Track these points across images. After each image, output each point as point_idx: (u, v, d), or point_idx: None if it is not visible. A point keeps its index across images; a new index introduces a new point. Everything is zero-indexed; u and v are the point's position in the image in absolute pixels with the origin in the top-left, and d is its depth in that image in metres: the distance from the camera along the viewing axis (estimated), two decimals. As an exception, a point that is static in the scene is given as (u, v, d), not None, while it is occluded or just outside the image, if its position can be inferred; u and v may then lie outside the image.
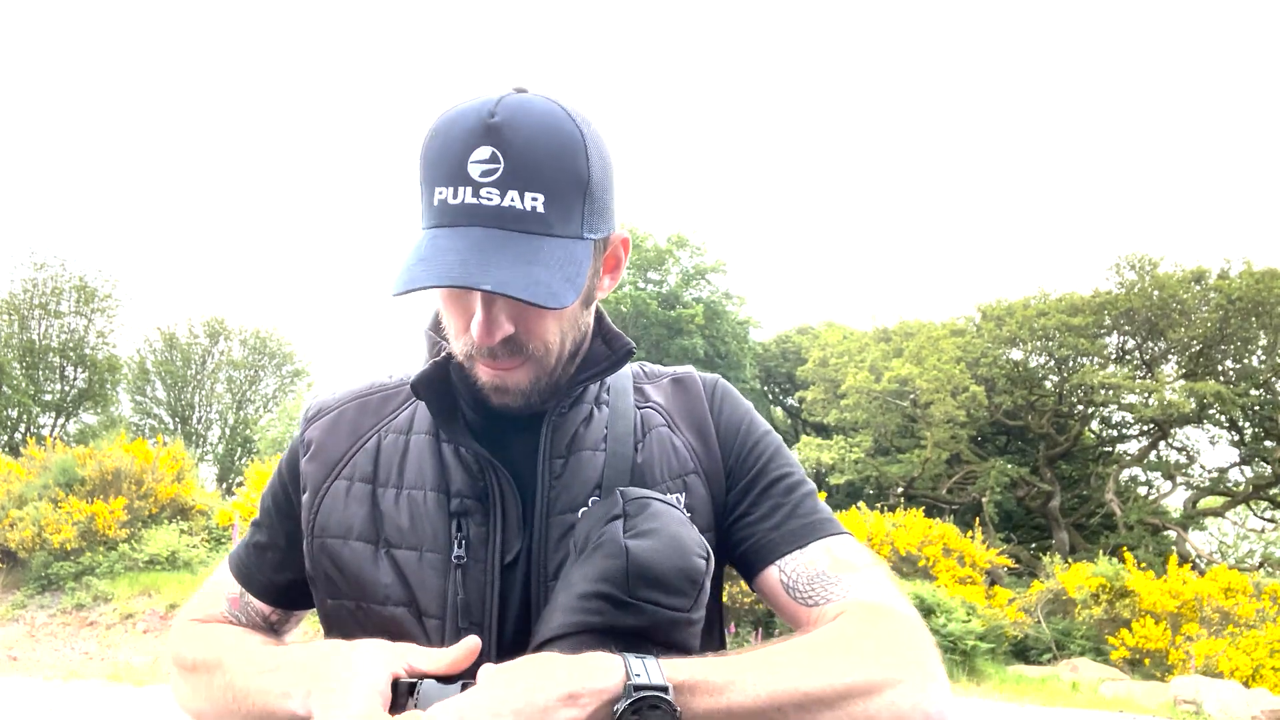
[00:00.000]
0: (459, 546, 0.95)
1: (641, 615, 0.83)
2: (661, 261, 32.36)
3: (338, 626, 1.00)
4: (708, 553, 0.89)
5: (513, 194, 0.88)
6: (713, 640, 1.01)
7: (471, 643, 0.86)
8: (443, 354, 1.02)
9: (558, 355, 0.97)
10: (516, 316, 0.93)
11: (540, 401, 0.99)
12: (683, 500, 0.99)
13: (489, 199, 0.88)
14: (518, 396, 0.97)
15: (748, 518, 1.03)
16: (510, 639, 0.93)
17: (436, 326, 1.06)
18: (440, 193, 0.90)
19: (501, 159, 0.88)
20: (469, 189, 0.89)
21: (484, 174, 0.88)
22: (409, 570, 0.96)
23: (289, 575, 1.09)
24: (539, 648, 0.85)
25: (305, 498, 1.04)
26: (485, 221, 0.88)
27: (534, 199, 0.89)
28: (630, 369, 1.12)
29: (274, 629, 1.12)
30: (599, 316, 1.06)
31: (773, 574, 0.99)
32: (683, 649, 0.85)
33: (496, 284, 0.85)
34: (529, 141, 0.89)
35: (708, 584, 0.88)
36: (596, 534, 0.89)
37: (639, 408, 1.07)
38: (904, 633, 0.89)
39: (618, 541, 0.86)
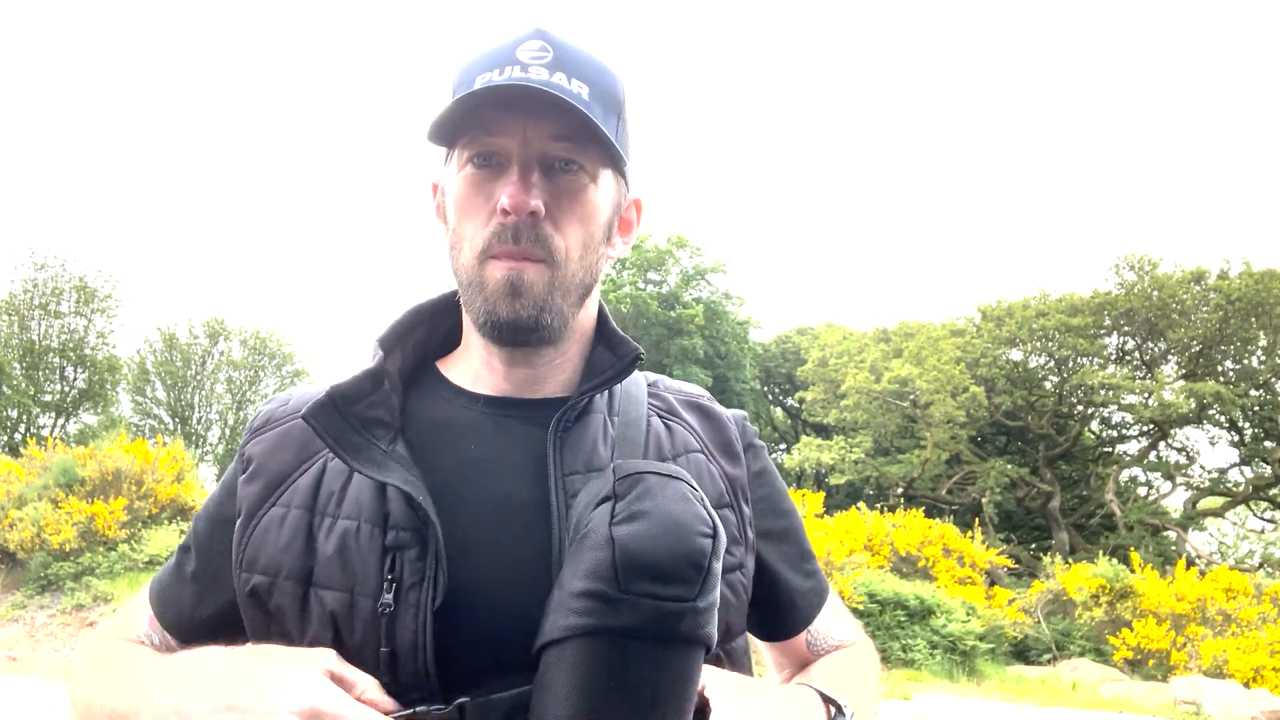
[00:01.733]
0: (387, 591, 0.83)
1: (638, 611, 0.72)
2: (661, 262, 32.33)
3: None
4: (714, 529, 0.77)
5: (560, 75, 0.87)
6: (732, 635, 0.96)
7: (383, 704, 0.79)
8: (379, 360, 0.94)
9: (574, 272, 0.91)
10: (550, 196, 0.88)
11: (553, 322, 0.90)
12: None
13: (538, 76, 0.86)
14: (530, 303, 0.88)
15: (776, 579, 1.05)
16: (480, 677, 0.83)
17: (391, 336, 0.98)
18: (484, 77, 0.87)
19: (551, 50, 0.88)
20: (516, 67, 0.86)
21: (533, 58, 0.87)
22: (339, 616, 0.84)
23: (210, 610, 0.96)
24: (537, 655, 0.78)
25: (238, 524, 0.92)
26: (532, 90, 0.85)
27: (580, 86, 0.87)
28: (643, 378, 1.06)
29: None
30: (603, 318, 1.00)
31: (802, 637, 1.09)
32: (695, 642, 0.75)
33: (557, 92, 0.84)
34: (576, 48, 0.90)
35: (717, 564, 0.76)
36: (585, 521, 0.79)
37: (666, 424, 0.99)
38: (878, 667, 1.12)
39: (603, 529, 0.75)
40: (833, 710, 0.89)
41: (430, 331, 1.03)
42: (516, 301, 0.88)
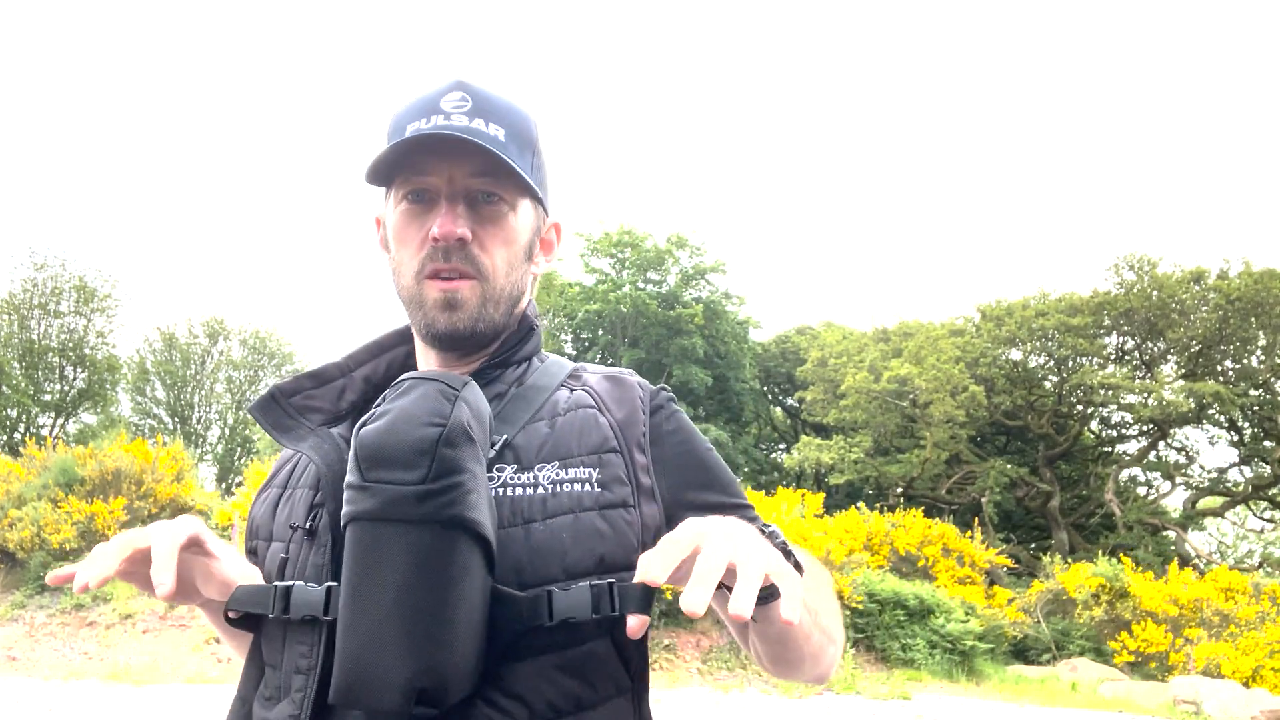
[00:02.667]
0: (295, 534, 0.99)
1: (377, 496, 0.82)
2: (661, 261, 32.33)
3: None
4: (446, 419, 0.84)
5: (479, 120, 1.01)
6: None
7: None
8: (330, 365, 1.12)
9: (502, 286, 1.05)
10: (475, 224, 1.02)
11: (486, 330, 1.04)
12: (594, 475, 0.99)
13: (459, 122, 1.00)
14: (466, 316, 1.02)
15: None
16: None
17: (364, 350, 1.15)
18: (413, 124, 1.01)
19: (470, 99, 1.02)
20: (440, 115, 1.01)
21: (454, 106, 1.01)
22: (271, 563, 1.01)
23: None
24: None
25: (252, 502, 1.13)
26: (456, 133, 0.99)
27: (496, 129, 1.02)
28: (568, 366, 1.16)
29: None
30: (527, 321, 1.13)
31: None
32: (444, 524, 0.82)
33: (474, 137, 0.98)
34: (492, 95, 1.04)
35: (448, 451, 0.83)
36: None
37: (570, 389, 1.09)
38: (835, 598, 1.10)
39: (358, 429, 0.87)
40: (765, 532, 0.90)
41: (410, 352, 1.17)
42: (453, 315, 1.02)
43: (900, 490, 28.01)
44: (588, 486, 0.98)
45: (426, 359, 1.11)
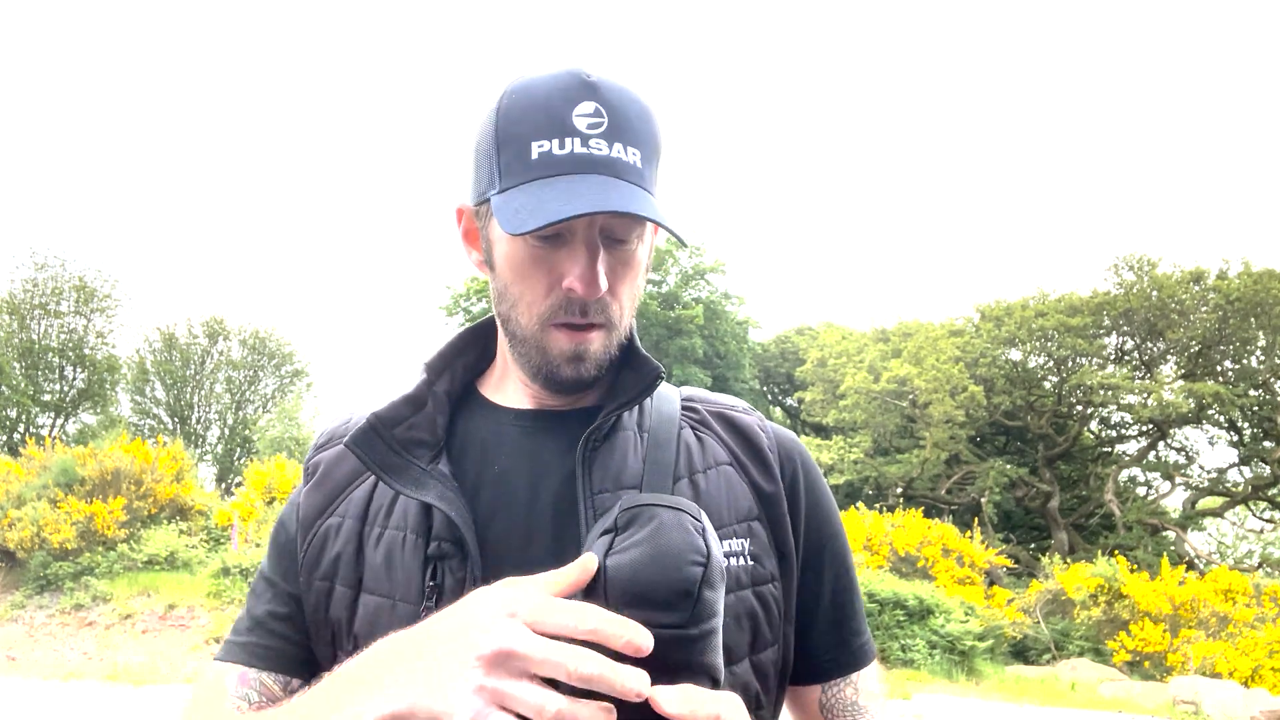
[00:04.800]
0: (429, 598, 0.87)
1: None
2: (661, 262, 32.34)
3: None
4: (707, 557, 0.76)
5: (618, 146, 0.88)
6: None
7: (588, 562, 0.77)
8: (421, 384, 0.99)
9: (627, 326, 0.97)
10: (608, 268, 0.90)
11: (603, 373, 0.95)
12: (747, 547, 0.93)
13: (599, 149, 0.87)
14: (592, 366, 0.93)
15: (800, 619, 1.01)
16: None
17: (439, 360, 1.02)
18: (541, 145, 0.87)
19: (605, 113, 0.88)
20: (577, 139, 0.87)
21: (590, 126, 0.87)
22: (380, 621, 0.89)
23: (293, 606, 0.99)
24: None
25: (299, 530, 0.99)
26: (600, 170, 0.86)
27: (634, 153, 0.89)
28: (677, 392, 1.07)
29: None
30: (630, 338, 1.01)
31: (814, 691, 1.03)
32: (691, 670, 0.74)
33: (646, 212, 0.84)
34: (623, 100, 0.90)
35: (710, 593, 0.76)
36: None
37: (698, 435, 1.01)
38: None
39: (597, 561, 0.76)
40: None
41: (480, 354, 1.07)
42: (580, 366, 0.93)
43: (900, 490, 28.01)
44: (742, 560, 0.93)
45: (522, 390, 1.00)
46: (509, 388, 1.03)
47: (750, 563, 0.93)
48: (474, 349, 1.06)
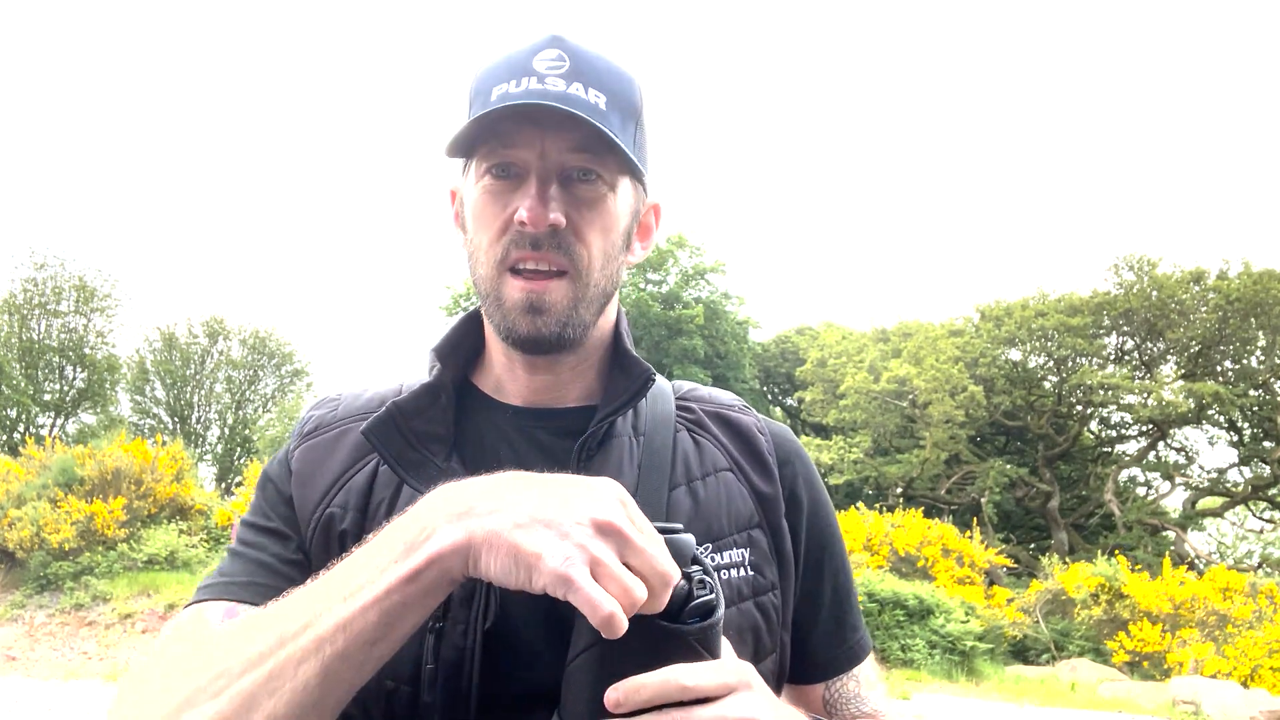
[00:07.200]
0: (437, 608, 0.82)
1: None
2: (661, 262, 32.33)
3: None
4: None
5: (578, 85, 0.86)
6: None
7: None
8: (439, 373, 0.95)
9: (596, 282, 0.91)
10: (569, 208, 0.88)
11: (574, 335, 0.90)
12: (747, 557, 0.92)
13: (554, 86, 0.85)
14: (553, 320, 0.89)
15: (802, 621, 1.00)
16: (507, 705, 0.80)
17: (446, 345, 0.99)
18: (500, 88, 0.86)
19: (568, 59, 0.87)
20: (533, 78, 0.86)
21: (549, 68, 0.86)
22: None
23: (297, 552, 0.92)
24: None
25: (299, 517, 0.93)
26: (552, 101, 0.84)
27: (597, 96, 0.87)
28: (672, 389, 1.04)
29: None
30: (619, 334, 0.99)
31: (818, 689, 1.03)
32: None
33: (572, 106, 0.83)
34: (592, 55, 0.89)
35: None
36: None
37: (695, 438, 0.98)
38: None
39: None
40: None
41: (474, 343, 1.03)
42: (538, 319, 0.89)
43: (900, 490, 28.01)
44: (742, 571, 0.91)
45: (509, 362, 0.97)
46: (494, 375, 1.00)
47: (751, 573, 0.92)
48: (470, 338, 1.03)
